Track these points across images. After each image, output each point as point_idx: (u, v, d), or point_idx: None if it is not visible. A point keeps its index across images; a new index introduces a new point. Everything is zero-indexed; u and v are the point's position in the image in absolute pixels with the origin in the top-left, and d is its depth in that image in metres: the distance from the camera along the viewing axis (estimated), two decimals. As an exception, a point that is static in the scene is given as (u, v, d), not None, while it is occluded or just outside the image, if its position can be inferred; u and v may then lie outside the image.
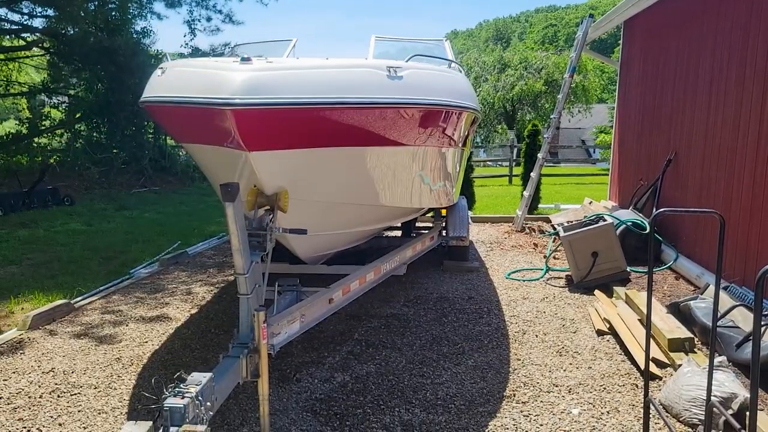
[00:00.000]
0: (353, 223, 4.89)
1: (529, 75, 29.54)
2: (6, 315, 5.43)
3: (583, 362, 4.28)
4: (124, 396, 3.77)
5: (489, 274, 6.83)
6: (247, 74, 3.04)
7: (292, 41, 5.81)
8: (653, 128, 8.10)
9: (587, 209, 9.38)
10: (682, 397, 3.44)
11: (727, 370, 3.56)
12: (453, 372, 4.11)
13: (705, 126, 6.36)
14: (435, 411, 3.56)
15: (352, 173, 4.06)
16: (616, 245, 6.24)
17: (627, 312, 5.01)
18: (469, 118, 5.21)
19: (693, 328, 4.59)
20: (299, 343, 4.51)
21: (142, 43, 17.14)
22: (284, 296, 4.04)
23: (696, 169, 6.59)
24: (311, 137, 3.46)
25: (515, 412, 3.54)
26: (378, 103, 3.58)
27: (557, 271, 6.90)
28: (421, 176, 4.95)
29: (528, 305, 5.65)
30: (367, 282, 4.77)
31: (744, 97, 5.49)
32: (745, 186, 5.43)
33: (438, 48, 6.19)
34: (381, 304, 5.59)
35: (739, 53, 5.64)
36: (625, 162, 9.56)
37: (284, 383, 3.94)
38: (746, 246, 5.32)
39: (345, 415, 3.51)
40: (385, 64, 3.78)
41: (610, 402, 3.66)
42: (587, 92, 29.64)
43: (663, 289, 6.08)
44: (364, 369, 4.17)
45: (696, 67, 6.68)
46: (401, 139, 4.08)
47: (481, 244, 8.52)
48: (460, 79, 5.21)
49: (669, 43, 7.62)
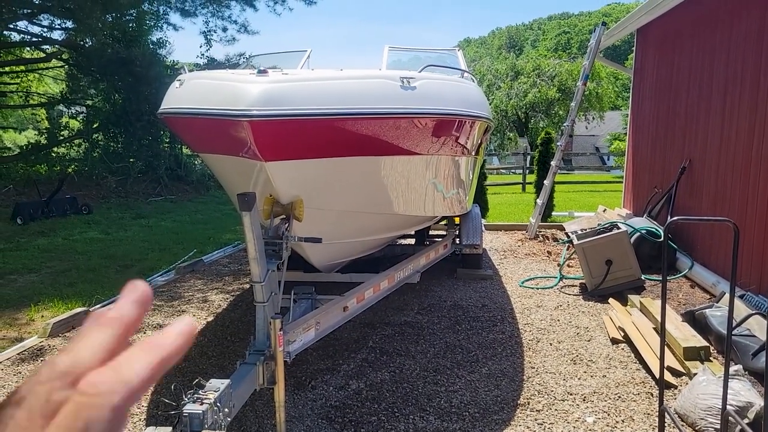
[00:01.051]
0: (367, 232, 4.94)
1: (542, 82, 29.50)
2: (26, 323, 5.52)
3: (597, 371, 4.28)
4: (143, 402, 3.82)
5: (503, 282, 6.83)
6: (264, 86, 3.10)
7: (307, 52, 5.89)
8: (667, 136, 8.08)
9: (601, 217, 9.35)
10: (697, 406, 3.43)
11: (742, 378, 3.55)
12: (467, 380, 4.13)
13: (719, 134, 6.34)
14: (449, 419, 3.58)
15: (367, 182, 4.11)
16: (630, 253, 6.23)
17: (642, 320, 4.99)
18: (482, 126, 5.25)
19: (708, 336, 4.57)
20: (314, 351, 4.55)
21: (159, 54, 17.36)
22: (300, 304, 4.09)
23: (711, 177, 6.57)
24: (326, 147, 3.51)
25: (529, 420, 3.55)
26: (392, 114, 3.63)
27: (571, 279, 6.88)
28: (434, 185, 4.98)
29: (542, 313, 5.65)
30: (381, 290, 4.80)
31: (759, 105, 5.48)
32: (760, 194, 5.40)
33: (450, 58, 6.24)
34: (395, 312, 5.62)
35: (753, 61, 5.62)
36: (639, 169, 9.52)
37: (300, 390, 3.98)
38: (762, 254, 5.29)
39: (360, 423, 3.54)
40: (399, 74, 3.83)
41: (625, 411, 3.66)
42: (601, 99, 29.51)
43: (678, 298, 6.05)
44: (378, 376, 4.20)
45: (710, 74, 6.66)
46: (414, 148, 4.13)
47: (494, 252, 8.52)
48: (472, 89, 5.25)
49: (683, 51, 7.61)
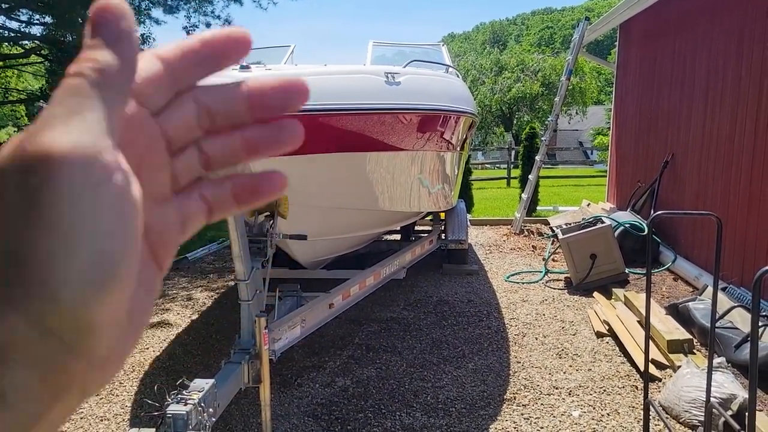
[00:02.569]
0: (353, 228, 4.92)
1: (526, 77, 29.66)
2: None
3: (582, 364, 4.30)
4: (126, 402, 3.78)
5: (488, 277, 6.85)
6: (246, 82, 3.05)
7: (290, 47, 5.84)
8: (650, 130, 8.14)
9: (585, 211, 9.40)
10: (681, 398, 3.46)
11: (726, 371, 3.59)
12: (453, 375, 4.13)
13: (702, 127, 6.40)
14: (436, 415, 3.57)
15: (352, 178, 4.08)
16: (614, 247, 6.27)
17: (626, 314, 5.03)
18: (467, 122, 5.25)
19: (692, 329, 4.61)
20: (300, 348, 4.52)
21: (142, 50, 17.16)
22: (285, 302, 4.06)
23: (693, 171, 6.62)
24: (310, 143, 3.46)
25: (516, 415, 3.56)
26: (376, 109, 3.61)
27: (556, 273, 6.92)
28: (419, 180, 4.97)
29: (527, 308, 5.67)
30: (367, 286, 4.79)
31: (740, 98, 5.53)
32: (742, 187, 5.46)
33: (435, 53, 6.23)
34: (381, 308, 5.61)
35: (735, 55, 5.67)
36: (622, 164, 9.59)
37: (286, 388, 3.96)
38: (744, 247, 5.35)
39: (346, 420, 3.53)
40: (383, 70, 3.81)
41: (610, 404, 3.68)
42: (584, 94, 29.74)
43: (662, 291, 6.10)
44: (365, 373, 4.18)
45: (693, 69, 6.72)
46: (400, 143, 4.11)
47: (480, 247, 8.54)
48: (457, 84, 5.24)
49: (665, 46, 7.66)
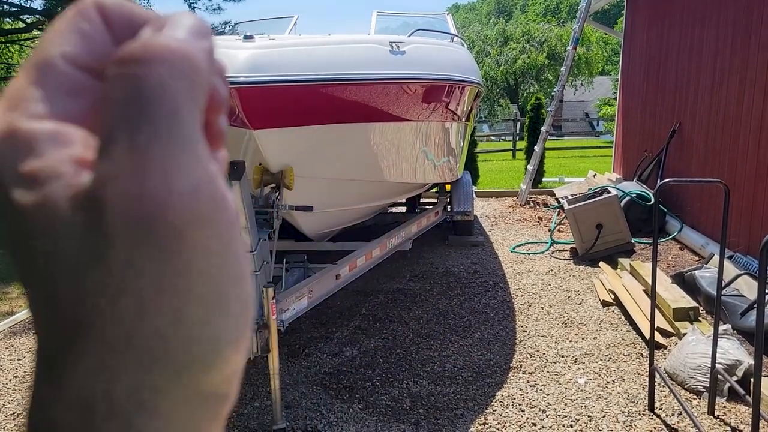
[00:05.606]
0: (358, 200, 4.92)
1: (531, 48, 29.26)
2: (17, 296, 5.50)
3: (588, 333, 4.33)
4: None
5: (494, 248, 6.86)
6: (250, 52, 3.03)
7: (293, 18, 5.77)
8: (657, 99, 8.05)
9: (591, 182, 9.37)
10: (687, 365, 3.49)
11: (731, 337, 3.61)
12: (460, 345, 4.17)
13: (710, 95, 6.32)
14: (443, 383, 3.62)
15: (357, 149, 4.07)
16: (620, 217, 6.25)
17: (632, 283, 5.04)
18: (472, 92, 5.20)
19: (698, 297, 4.63)
20: (307, 319, 4.56)
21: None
22: (292, 273, 4.08)
23: (700, 139, 6.57)
24: (315, 114, 3.46)
25: (522, 383, 3.60)
26: (381, 79, 3.58)
27: (562, 243, 6.92)
28: (425, 152, 4.95)
29: (533, 278, 5.69)
30: (373, 258, 4.80)
31: (749, 65, 5.45)
32: (749, 154, 5.41)
33: (440, 22, 6.15)
34: (387, 279, 5.64)
35: (744, 22, 5.58)
36: (629, 134, 9.51)
37: (294, 358, 4.00)
38: (751, 215, 5.33)
39: (354, 388, 3.58)
40: (388, 39, 3.77)
41: (616, 371, 3.72)
42: (590, 64, 29.36)
43: (668, 260, 6.10)
44: (372, 343, 4.23)
45: (701, 36, 6.61)
46: (405, 114, 4.08)
47: (485, 219, 8.54)
48: (462, 54, 5.18)
49: (673, 13, 7.53)
